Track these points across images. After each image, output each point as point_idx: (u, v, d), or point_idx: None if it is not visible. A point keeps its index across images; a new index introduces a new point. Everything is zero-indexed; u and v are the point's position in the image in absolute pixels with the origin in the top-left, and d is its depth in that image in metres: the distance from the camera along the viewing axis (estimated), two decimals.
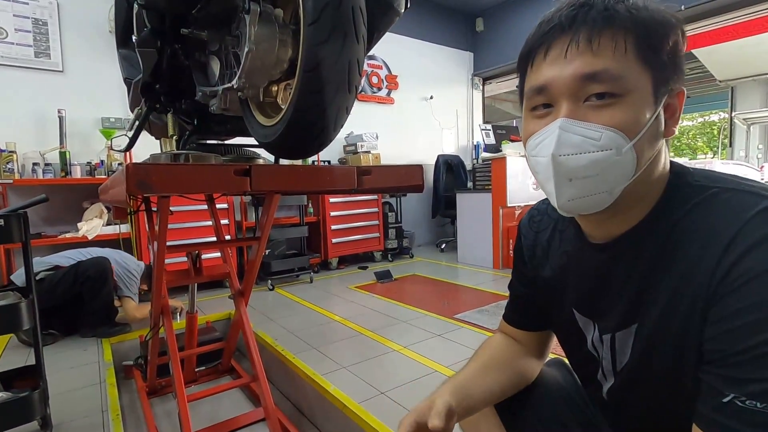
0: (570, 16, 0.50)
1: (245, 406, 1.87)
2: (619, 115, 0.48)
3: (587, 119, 0.49)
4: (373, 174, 0.91)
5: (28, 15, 3.07)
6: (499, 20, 5.66)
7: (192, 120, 1.32)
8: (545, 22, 0.53)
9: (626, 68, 0.48)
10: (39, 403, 1.23)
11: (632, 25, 0.48)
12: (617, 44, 0.48)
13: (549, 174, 0.51)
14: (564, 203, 0.53)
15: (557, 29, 0.51)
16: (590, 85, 0.49)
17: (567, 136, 0.49)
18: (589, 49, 0.49)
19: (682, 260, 0.50)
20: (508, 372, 0.71)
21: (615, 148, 0.48)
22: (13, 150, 2.87)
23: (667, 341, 0.52)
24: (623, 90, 0.48)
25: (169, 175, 0.65)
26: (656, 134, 0.51)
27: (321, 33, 0.74)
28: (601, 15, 0.48)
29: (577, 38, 0.49)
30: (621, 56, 0.48)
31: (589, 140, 0.49)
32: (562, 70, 0.50)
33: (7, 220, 1.12)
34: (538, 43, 0.53)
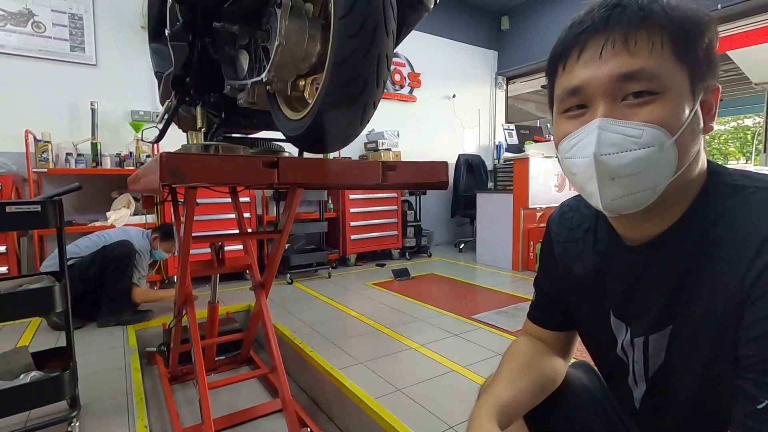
0: (603, 16, 0.49)
1: (263, 396, 1.90)
2: (659, 111, 0.48)
3: (626, 117, 0.49)
4: (398, 170, 0.91)
5: (64, 10, 3.18)
6: (526, 19, 5.57)
7: (220, 113, 1.34)
8: (577, 24, 0.52)
9: (663, 66, 0.48)
10: (69, 383, 1.28)
11: (668, 23, 0.48)
12: (653, 43, 0.48)
13: (591, 174, 0.51)
14: (608, 203, 0.52)
15: (591, 30, 0.50)
16: (628, 84, 0.48)
17: (607, 135, 0.49)
18: (625, 48, 0.48)
19: (717, 262, 0.49)
20: (537, 377, 0.70)
21: (657, 144, 0.48)
22: (48, 140, 2.98)
23: (703, 345, 0.51)
24: (661, 88, 0.48)
25: (200, 164, 0.67)
26: (695, 130, 0.50)
27: (351, 27, 0.74)
28: (637, 14, 0.48)
29: (613, 38, 0.49)
30: (658, 54, 0.48)
31: (630, 138, 0.48)
32: (597, 71, 0.50)
33: (43, 206, 1.17)
34: (572, 44, 0.52)
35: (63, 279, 1.28)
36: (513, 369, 0.71)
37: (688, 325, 0.53)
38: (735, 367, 0.47)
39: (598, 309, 0.66)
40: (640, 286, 0.59)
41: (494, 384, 0.68)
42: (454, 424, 1.38)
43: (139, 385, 1.71)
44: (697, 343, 0.52)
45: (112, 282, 2.41)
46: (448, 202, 5.30)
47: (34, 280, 1.36)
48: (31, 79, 3.09)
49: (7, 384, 1.24)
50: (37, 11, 3.09)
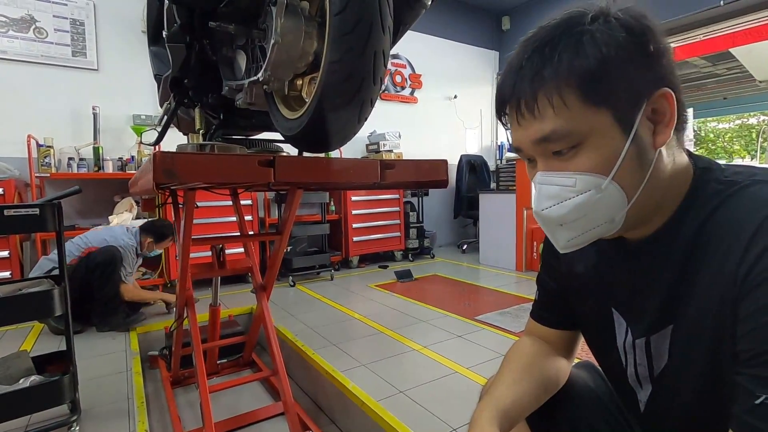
0: (509, 86, 0.52)
1: (265, 399, 1.89)
2: (586, 160, 0.49)
3: (561, 169, 0.51)
4: (397, 168, 0.90)
5: (66, 16, 3.20)
6: (526, 19, 5.56)
7: (218, 114, 1.34)
8: (500, 84, 0.55)
9: (574, 120, 0.48)
10: (69, 387, 1.27)
11: (565, 79, 0.47)
12: (554, 103, 0.48)
13: (541, 224, 0.56)
14: (564, 245, 0.55)
15: (506, 96, 0.53)
16: (547, 144, 0.51)
17: (546, 189, 0.52)
18: (531, 115, 0.50)
19: (712, 257, 0.49)
20: (540, 379, 0.69)
21: (594, 188, 0.50)
22: (50, 145, 2.99)
23: (703, 343, 0.50)
24: (579, 138, 0.49)
25: (195, 164, 0.66)
26: (640, 153, 0.49)
27: (347, 23, 0.74)
28: (530, 82, 0.49)
29: (519, 108, 0.51)
30: (563, 111, 0.48)
31: (566, 188, 0.51)
32: (521, 137, 0.53)
33: (42, 209, 1.16)
34: (499, 108, 0.55)
35: (63, 283, 1.28)
36: (515, 370, 0.69)
37: (687, 324, 0.52)
38: (734, 363, 0.46)
39: (600, 308, 0.65)
40: (640, 286, 0.58)
41: (495, 386, 0.66)
42: (458, 426, 1.37)
43: (141, 388, 1.70)
44: (698, 342, 0.51)
45: (99, 287, 2.38)
46: (451, 203, 5.28)
47: (34, 284, 1.36)
48: (34, 85, 3.11)
49: (8, 388, 1.24)
50: (39, 17, 3.11)
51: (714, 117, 11.60)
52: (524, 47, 0.52)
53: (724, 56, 5.09)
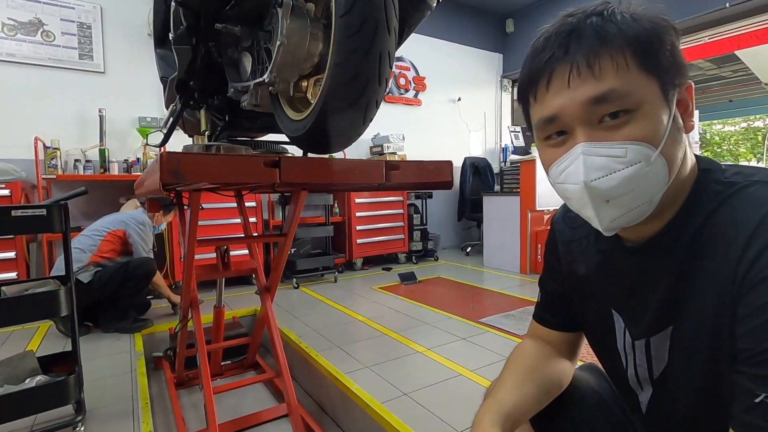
0: (563, 45, 0.50)
1: (268, 401, 1.89)
2: (639, 127, 0.48)
3: (607, 139, 0.49)
4: (402, 169, 0.90)
5: (73, 19, 3.23)
6: (530, 21, 5.56)
7: (224, 116, 1.34)
8: (538, 52, 0.53)
9: (632, 82, 0.48)
10: (74, 387, 1.28)
11: (626, 40, 0.48)
12: (617, 62, 0.48)
13: (585, 200, 0.51)
14: (607, 224, 0.52)
15: (554, 59, 0.51)
16: (601, 107, 0.49)
17: (592, 160, 0.49)
18: (590, 73, 0.48)
19: (711, 258, 0.49)
20: (542, 382, 0.68)
21: (643, 159, 0.48)
22: (57, 147, 3.01)
23: (703, 344, 0.51)
24: (635, 104, 0.48)
25: (200, 164, 0.66)
26: (677, 134, 0.51)
27: (352, 24, 0.74)
28: (594, 38, 0.48)
29: (576, 65, 0.49)
30: (624, 72, 0.48)
31: (615, 158, 0.49)
32: (569, 99, 0.50)
33: (49, 209, 1.17)
34: (538, 74, 0.53)
35: (69, 283, 1.29)
36: (517, 373, 0.69)
37: (687, 325, 0.52)
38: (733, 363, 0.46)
39: (601, 309, 0.65)
40: (639, 287, 0.58)
41: (498, 389, 0.66)
42: (462, 429, 1.36)
43: (145, 389, 1.71)
44: (697, 343, 0.51)
45: (129, 295, 2.44)
46: (455, 205, 5.27)
47: (40, 285, 1.37)
48: (41, 87, 3.14)
49: (14, 388, 1.24)
50: (46, 21, 3.14)
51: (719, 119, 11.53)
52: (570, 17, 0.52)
53: (730, 58, 5.07)
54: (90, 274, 2.35)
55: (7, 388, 1.23)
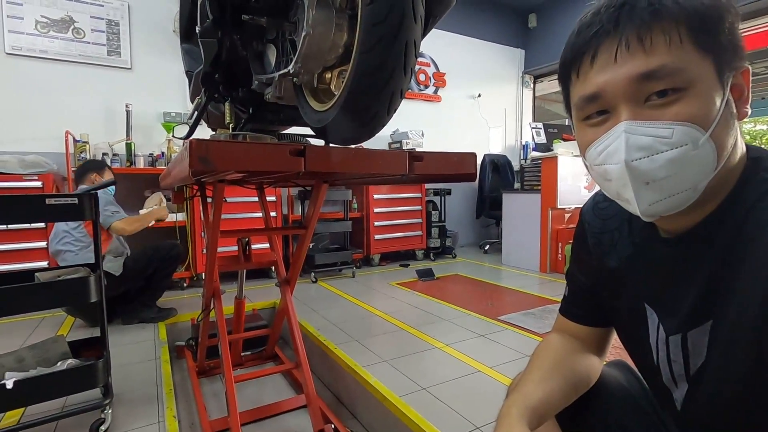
0: (613, 17, 0.47)
1: (287, 392, 1.91)
2: (688, 107, 0.45)
3: (653, 119, 0.47)
4: (425, 160, 0.90)
5: (102, 16, 3.32)
6: (553, 16, 5.45)
7: (248, 109, 1.36)
8: (585, 26, 0.50)
9: (685, 59, 0.45)
10: (102, 371, 1.32)
11: (683, 15, 0.45)
12: (671, 37, 0.45)
13: (625, 180, 0.49)
14: (646, 208, 0.50)
15: (601, 33, 0.48)
16: (649, 84, 0.46)
17: (635, 139, 0.47)
18: (640, 48, 0.46)
19: (756, 250, 0.46)
20: (570, 377, 0.67)
21: (691, 142, 0.45)
22: (86, 141, 3.11)
23: (745, 340, 0.48)
24: (686, 82, 0.45)
25: (229, 151, 0.67)
26: (729, 119, 0.48)
27: (378, 13, 0.73)
28: (647, 11, 0.46)
29: (626, 39, 0.47)
30: (677, 48, 0.45)
31: (660, 139, 0.46)
32: (614, 75, 0.48)
33: (80, 198, 1.21)
34: (583, 49, 0.50)
35: (98, 270, 1.33)
36: (544, 367, 0.67)
37: (728, 320, 0.50)
38: None
39: (634, 304, 0.63)
40: (676, 280, 0.56)
41: (524, 383, 0.65)
42: (481, 424, 1.35)
43: (169, 376, 1.75)
44: (739, 339, 0.49)
45: (160, 279, 2.50)
46: (473, 202, 5.23)
47: (71, 272, 1.42)
48: (71, 83, 3.24)
49: (46, 370, 1.29)
50: (77, 18, 3.24)
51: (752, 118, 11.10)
52: None
53: (763, 54, 4.86)
54: (118, 265, 2.39)
55: (40, 370, 1.28)
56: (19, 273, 1.37)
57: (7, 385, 1.13)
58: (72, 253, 2.34)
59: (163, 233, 3.25)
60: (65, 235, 2.38)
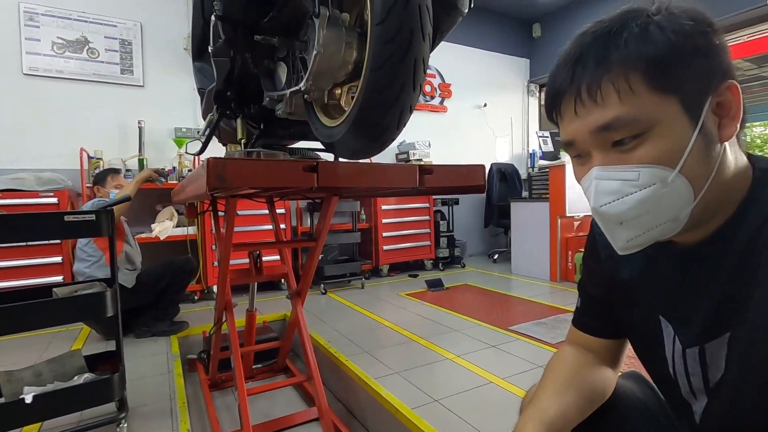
0: (567, 77, 0.50)
1: (299, 404, 1.91)
2: (652, 150, 0.47)
3: (621, 162, 0.49)
4: (435, 173, 0.91)
5: (116, 36, 3.42)
6: (557, 25, 5.49)
7: (259, 125, 1.39)
8: (553, 78, 0.53)
9: (640, 106, 0.46)
10: (118, 385, 1.33)
11: (631, 63, 0.46)
12: (620, 88, 0.47)
13: (600, 223, 0.53)
14: (623, 245, 0.52)
15: (562, 89, 0.52)
16: (609, 134, 0.49)
17: (605, 185, 0.50)
18: (593, 102, 0.49)
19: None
20: (584, 391, 0.66)
21: (659, 181, 0.47)
22: (100, 157, 3.18)
23: (764, 352, 0.47)
24: (645, 127, 0.47)
25: (244, 169, 0.69)
26: (708, 145, 0.48)
27: (388, 31, 0.76)
28: (594, 68, 0.48)
29: (580, 96, 0.49)
30: (629, 97, 0.47)
31: (628, 182, 0.48)
32: (578, 127, 0.51)
33: (97, 215, 1.24)
34: (551, 104, 0.54)
35: (114, 285, 1.35)
36: (558, 381, 0.67)
37: (746, 331, 0.49)
38: None
39: (647, 316, 0.63)
40: (691, 292, 0.56)
41: (538, 398, 0.64)
42: None
43: (182, 390, 1.76)
44: (758, 350, 0.48)
45: (173, 293, 2.55)
46: (482, 212, 5.22)
47: (87, 287, 1.44)
48: (86, 101, 3.33)
49: (64, 384, 1.31)
50: (92, 38, 3.34)
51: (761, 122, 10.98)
52: (582, 37, 0.51)
53: None
54: (131, 278, 2.43)
55: (58, 384, 1.30)
56: (37, 288, 1.40)
57: (26, 400, 1.15)
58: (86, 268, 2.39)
59: (174, 247, 3.29)
60: (78, 251, 2.44)
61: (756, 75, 5.74)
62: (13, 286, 2.62)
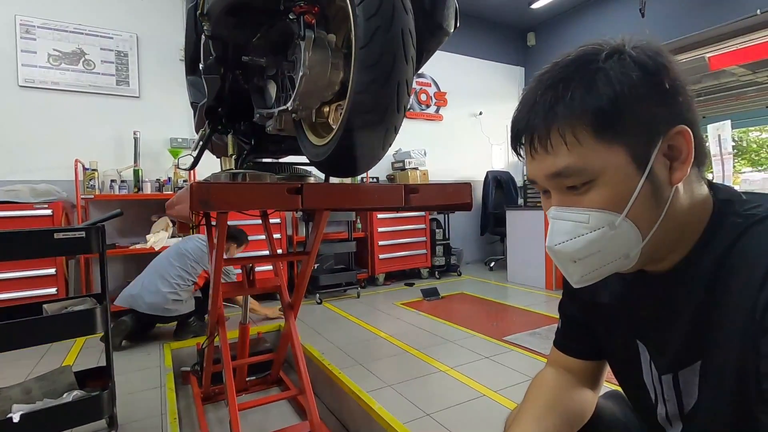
0: (523, 121, 0.52)
1: (292, 418, 1.90)
2: (599, 196, 0.49)
3: (574, 204, 0.51)
4: (421, 192, 0.92)
5: (112, 48, 3.44)
6: (552, 34, 5.54)
7: (250, 140, 1.40)
8: (513, 120, 0.55)
9: (587, 156, 0.48)
10: (107, 402, 1.33)
11: (575, 116, 0.48)
12: (567, 139, 0.48)
13: (555, 260, 0.55)
14: (578, 280, 0.54)
15: (520, 134, 0.54)
16: (561, 180, 0.51)
17: (560, 224, 0.52)
18: (544, 150, 0.50)
19: (732, 292, 0.48)
20: (564, 415, 0.67)
21: (607, 225, 0.49)
22: (95, 168, 3.18)
23: (730, 380, 0.48)
24: (592, 175, 0.49)
25: (228, 193, 0.69)
26: (656, 190, 0.49)
27: (371, 56, 0.77)
28: (543, 118, 0.49)
29: (533, 143, 0.51)
30: (576, 147, 0.48)
31: (580, 224, 0.50)
32: (535, 169, 0.53)
33: (87, 232, 1.24)
34: (513, 143, 0.56)
35: (104, 301, 1.35)
36: (538, 405, 0.68)
37: (715, 360, 0.50)
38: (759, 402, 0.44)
39: (626, 340, 0.63)
40: (664, 318, 0.56)
41: (519, 422, 0.65)
42: None
43: (173, 405, 1.75)
44: (725, 379, 0.49)
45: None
46: (477, 219, 5.23)
47: (78, 302, 1.44)
48: (82, 112, 3.33)
49: (53, 402, 1.30)
50: (88, 50, 3.35)
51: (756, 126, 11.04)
52: (538, 83, 0.52)
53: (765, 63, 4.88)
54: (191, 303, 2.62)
55: (47, 402, 1.30)
56: (26, 306, 1.40)
57: (14, 419, 1.14)
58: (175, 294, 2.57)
59: None
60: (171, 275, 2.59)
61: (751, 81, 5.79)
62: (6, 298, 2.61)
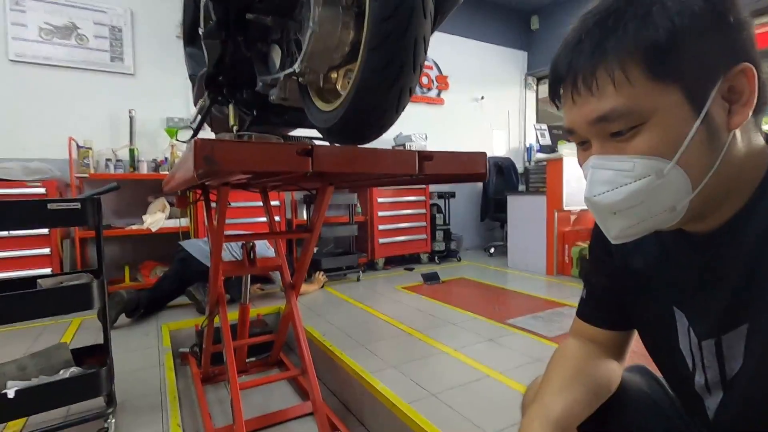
0: (566, 63, 0.49)
1: (293, 398, 1.88)
2: (648, 141, 0.45)
3: (618, 151, 0.47)
4: (435, 160, 0.87)
5: (106, 23, 3.33)
6: (556, 18, 5.44)
7: (252, 111, 1.34)
8: (554, 64, 0.51)
9: (636, 97, 0.44)
10: (105, 379, 1.29)
11: (627, 51, 0.44)
12: (616, 79, 0.45)
13: (593, 212, 0.52)
14: (617, 235, 0.51)
15: (560, 77, 0.50)
16: (605, 125, 0.47)
17: (600, 174, 0.49)
18: (588, 93, 0.47)
19: None
20: (590, 385, 0.64)
21: (654, 173, 0.46)
22: (90, 147, 3.11)
23: None
24: (642, 118, 0.45)
25: (235, 151, 0.65)
26: (712, 135, 0.45)
27: (387, 7, 0.71)
28: (590, 55, 0.46)
29: (576, 85, 0.48)
30: (626, 87, 0.45)
31: (622, 172, 0.47)
32: (575, 116, 0.50)
33: (83, 203, 1.19)
34: (552, 91, 0.53)
35: (101, 276, 1.31)
36: (563, 376, 0.64)
37: (763, 322, 0.47)
38: None
39: (660, 307, 0.60)
40: (707, 281, 0.53)
41: (543, 394, 0.62)
42: (492, 431, 1.31)
43: (173, 384, 1.72)
44: None
45: None
46: (478, 205, 5.20)
47: (74, 278, 1.40)
48: (75, 89, 3.24)
49: (49, 379, 1.27)
50: (80, 24, 3.25)
51: None
52: (584, 21, 0.48)
53: None
54: None
55: (43, 378, 1.26)
56: (20, 280, 1.35)
57: (9, 395, 1.11)
58: None
59: (166, 239, 3.23)
60: None
61: None
62: None
